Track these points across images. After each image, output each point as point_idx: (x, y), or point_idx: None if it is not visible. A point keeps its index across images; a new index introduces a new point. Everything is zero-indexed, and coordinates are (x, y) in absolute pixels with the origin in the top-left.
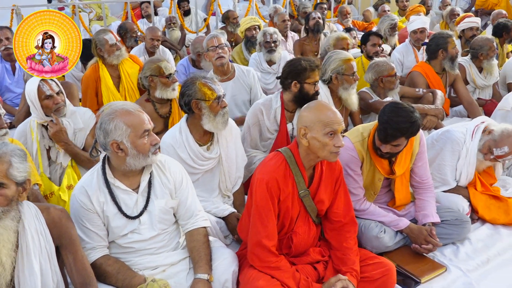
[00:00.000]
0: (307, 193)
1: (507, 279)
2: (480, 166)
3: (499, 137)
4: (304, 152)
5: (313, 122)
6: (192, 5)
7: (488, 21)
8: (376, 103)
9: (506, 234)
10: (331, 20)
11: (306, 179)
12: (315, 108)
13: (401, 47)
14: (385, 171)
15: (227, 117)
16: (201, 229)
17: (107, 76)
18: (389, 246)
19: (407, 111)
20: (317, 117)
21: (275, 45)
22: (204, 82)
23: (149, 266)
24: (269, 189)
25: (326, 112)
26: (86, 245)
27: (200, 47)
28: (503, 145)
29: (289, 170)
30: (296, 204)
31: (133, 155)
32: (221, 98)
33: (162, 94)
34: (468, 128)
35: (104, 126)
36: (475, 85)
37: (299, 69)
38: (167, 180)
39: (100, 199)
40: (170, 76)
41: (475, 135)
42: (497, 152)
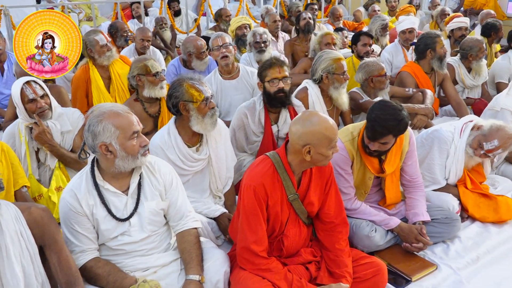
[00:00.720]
0: (296, 197)
1: (497, 276)
2: (470, 162)
3: (489, 131)
4: (298, 161)
5: (319, 140)
6: (183, 6)
7: (476, 21)
8: (367, 103)
9: (495, 232)
10: (321, 21)
11: (295, 183)
12: (318, 124)
13: (390, 47)
14: (375, 170)
15: (215, 118)
16: (192, 230)
17: (98, 77)
18: (380, 245)
19: (395, 109)
20: (322, 134)
21: (265, 45)
22: (191, 84)
23: (140, 267)
24: (257, 195)
25: (330, 127)
26: (75, 248)
27: (191, 47)
28: (493, 138)
29: (277, 175)
30: (285, 208)
31: (122, 157)
32: (209, 99)
33: (150, 93)
34: (457, 126)
35: (93, 128)
36: (464, 85)
37: (260, 68)
38: (157, 181)
39: (89, 202)
40: (157, 74)
41: (464, 133)
42: (487, 146)
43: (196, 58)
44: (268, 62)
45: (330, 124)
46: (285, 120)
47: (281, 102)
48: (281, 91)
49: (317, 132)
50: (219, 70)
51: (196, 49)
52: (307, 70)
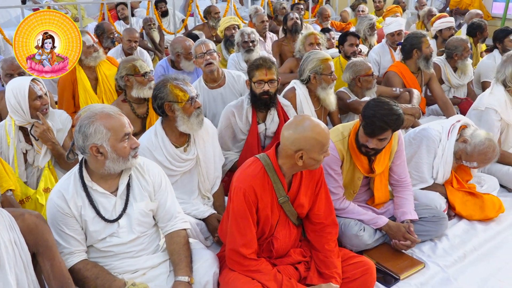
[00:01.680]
0: (287, 200)
1: (483, 273)
2: (456, 162)
3: (471, 152)
4: (289, 165)
5: (311, 145)
6: (170, 6)
7: (462, 21)
8: (354, 103)
9: (482, 229)
10: (309, 21)
11: (286, 186)
12: (311, 129)
13: (377, 48)
14: (364, 170)
15: (201, 117)
16: (181, 231)
17: (84, 78)
18: (369, 244)
19: (391, 104)
20: (315, 140)
21: (253, 44)
22: (176, 84)
23: (128, 269)
24: (247, 198)
25: (323, 132)
26: (63, 250)
27: (179, 48)
28: (473, 160)
29: (268, 178)
30: (275, 211)
31: (113, 158)
32: (194, 98)
33: (139, 93)
34: (444, 126)
35: (84, 129)
36: (450, 84)
37: (249, 66)
38: (146, 182)
39: (77, 203)
40: (146, 74)
41: (451, 134)
42: (466, 164)
43: (184, 58)
44: (256, 62)
45: (323, 129)
46: (272, 119)
47: (265, 104)
48: (266, 94)
49: (310, 137)
50: (204, 79)
51: (185, 50)
52: (293, 70)
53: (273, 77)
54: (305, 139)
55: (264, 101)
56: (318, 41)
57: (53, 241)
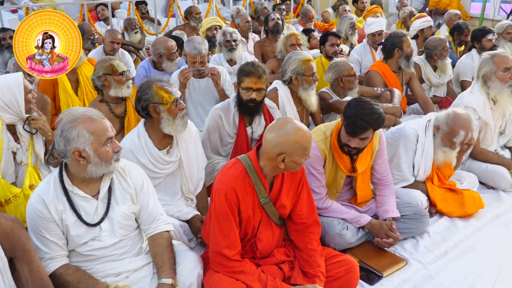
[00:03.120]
0: (268, 201)
1: (464, 269)
2: (443, 158)
3: (448, 127)
4: (271, 167)
5: (294, 149)
6: (151, 7)
7: (441, 21)
8: (336, 103)
9: (462, 226)
10: (291, 21)
11: (267, 187)
12: (293, 133)
13: (359, 48)
14: (347, 169)
15: (186, 119)
16: (164, 233)
17: (65, 80)
18: (352, 243)
19: (371, 104)
20: (298, 143)
21: (235, 43)
22: (161, 86)
23: (111, 273)
24: (228, 200)
25: (305, 136)
26: (44, 255)
27: (161, 48)
28: (457, 131)
29: (249, 179)
30: (257, 212)
31: (96, 163)
32: (179, 100)
33: (117, 92)
34: (420, 123)
35: (66, 133)
36: (430, 83)
37: (240, 70)
38: (128, 185)
39: (58, 208)
40: (123, 73)
41: (428, 130)
42: (459, 139)
43: (166, 59)
44: (248, 69)
45: (305, 132)
46: (259, 122)
47: (250, 111)
48: (253, 101)
49: (292, 141)
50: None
51: (167, 50)
52: (274, 71)
53: (261, 86)
54: (287, 142)
55: (250, 108)
56: (299, 41)
57: (30, 245)
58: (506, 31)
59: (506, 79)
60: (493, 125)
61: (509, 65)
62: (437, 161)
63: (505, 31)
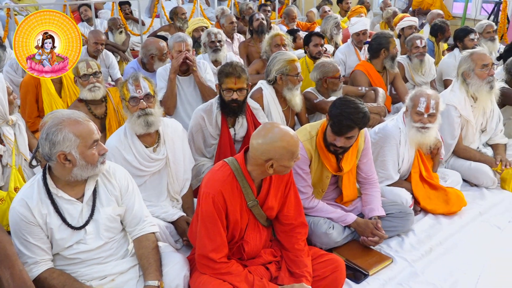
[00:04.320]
0: (256, 203)
1: (449, 265)
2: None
3: (411, 101)
4: (259, 172)
5: (282, 154)
6: (135, 8)
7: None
8: (321, 103)
9: (446, 223)
10: (275, 22)
11: (255, 190)
12: (280, 139)
13: (343, 48)
14: (333, 168)
15: (145, 120)
16: (149, 235)
17: (48, 82)
18: (338, 242)
19: (356, 103)
20: (285, 149)
21: (220, 44)
22: (126, 82)
23: (97, 276)
24: (216, 204)
25: (292, 140)
26: (28, 260)
27: (153, 49)
28: (418, 100)
29: (236, 182)
30: (245, 215)
31: (81, 166)
32: (138, 99)
33: (81, 94)
34: (398, 117)
35: (51, 137)
36: (414, 83)
37: (220, 70)
38: (113, 187)
39: (42, 211)
40: (85, 76)
41: (406, 120)
42: (422, 107)
43: (158, 60)
44: (226, 70)
45: (292, 136)
46: (241, 123)
47: (233, 111)
48: (235, 102)
49: (279, 147)
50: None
51: (159, 51)
52: (259, 71)
53: (242, 86)
54: (274, 149)
55: (232, 108)
56: (284, 42)
57: (12, 250)
58: (486, 31)
59: (484, 75)
60: (474, 122)
61: (487, 62)
62: (414, 142)
63: (484, 31)
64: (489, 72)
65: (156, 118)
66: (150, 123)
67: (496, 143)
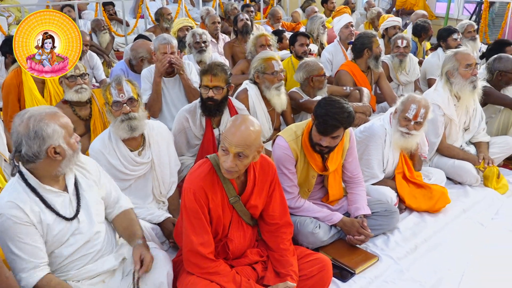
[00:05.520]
0: (237, 200)
1: (434, 263)
2: (405, 145)
3: (402, 105)
4: None
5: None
6: (119, 8)
7: (408, 21)
8: (307, 103)
9: (431, 221)
10: (260, 22)
11: (236, 186)
12: (231, 123)
13: (330, 47)
14: (318, 168)
15: (128, 124)
16: (129, 210)
17: (31, 81)
18: (325, 241)
19: (341, 103)
20: (225, 131)
21: (205, 45)
22: (109, 85)
23: (86, 276)
24: (197, 199)
25: (229, 128)
26: (27, 265)
27: (143, 52)
28: (408, 106)
29: (217, 177)
30: (227, 211)
31: (69, 156)
32: (120, 103)
33: (67, 95)
34: (384, 117)
35: (41, 133)
36: (398, 82)
37: (200, 70)
38: (89, 173)
39: (34, 209)
40: (72, 77)
41: (392, 121)
42: (411, 114)
43: (148, 62)
44: (205, 68)
45: (233, 126)
46: (226, 123)
47: (209, 110)
48: (211, 100)
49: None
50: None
51: (150, 54)
52: (244, 71)
53: (218, 84)
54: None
55: (209, 107)
56: (268, 42)
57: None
58: (467, 30)
59: (467, 75)
60: (457, 121)
61: (471, 62)
62: (397, 145)
63: (466, 30)
64: (473, 72)
65: (140, 122)
66: (134, 128)
67: (479, 141)
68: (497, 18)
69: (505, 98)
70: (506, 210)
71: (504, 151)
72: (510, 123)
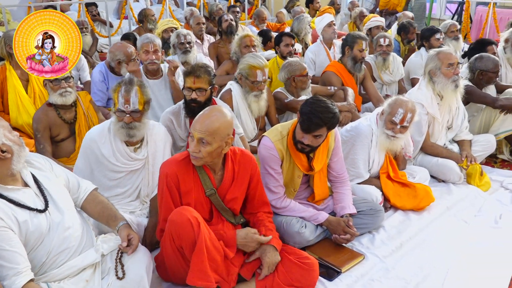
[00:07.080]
0: (213, 192)
1: (419, 260)
2: (391, 147)
3: (389, 108)
4: (215, 154)
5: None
6: (102, 9)
7: (391, 21)
8: (292, 102)
9: (416, 219)
10: (245, 23)
11: (213, 179)
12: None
13: (313, 47)
14: (304, 168)
15: (127, 132)
16: (95, 192)
17: (15, 78)
18: (311, 240)
19: (327, 103)
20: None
21: (189, 46)
22: (119, 88)
23: (69, 273)
24: (168, 182)
25: (198, 115)
26: (8, 272)
27: (120, 55)
28: (396, 110)
29: (193, 167)
30: (205, 205)
31: (17, 151)
32: (125, 112)
33: (51, 98)
34: (371, 118)
35: None
36: (382, 82)
37: (183, 71)
38: (41, 165)
39: (6, 212)
40: (56, 80)
41: (378, 122)
42: (397, 118)
43: (126, 64)
44: (188, 69)
45: (201, 114)
46: None
47: (193, 112)
48: (194, 102)
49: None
50: (144, 71)
51: (126, 57)
52: (229, 72)
53: (202, 86)
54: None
55: (192, 109)
56: (253, 43)
57: None
58: (450, 30)
59: (450, 74)
60: (440, 120)
61: (453, 61)
62: (382, 146)
63: (449, 30)
64: (455, 71)
65: (140, 131)
66: (132, 135)
67: (461, 139)
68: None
69: (487, 96)
70: (489, 207)
71: (486, 149)
72: (491, 122)
